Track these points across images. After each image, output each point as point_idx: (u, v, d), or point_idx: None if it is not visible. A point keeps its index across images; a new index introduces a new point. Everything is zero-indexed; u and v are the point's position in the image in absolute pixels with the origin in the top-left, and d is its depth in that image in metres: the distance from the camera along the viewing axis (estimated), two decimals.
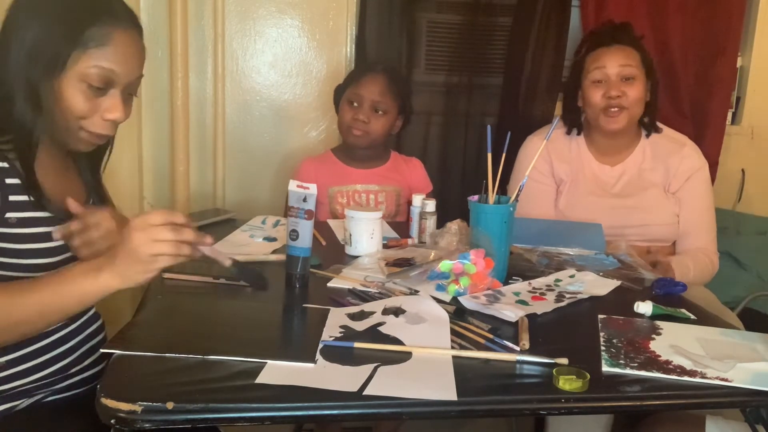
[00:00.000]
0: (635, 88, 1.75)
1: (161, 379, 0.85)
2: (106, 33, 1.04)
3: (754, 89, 2.46)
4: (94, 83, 1.05)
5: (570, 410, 0.87)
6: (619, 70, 1.75)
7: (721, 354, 0.98)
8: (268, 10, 2.15)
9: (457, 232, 1.41)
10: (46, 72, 1.03)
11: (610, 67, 1.75)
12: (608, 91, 1.75)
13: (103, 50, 1.04)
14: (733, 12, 2.29)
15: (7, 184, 1.04)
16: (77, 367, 1.18)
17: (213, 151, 2.16)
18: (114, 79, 1.07)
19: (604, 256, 1.46)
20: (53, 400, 1.16)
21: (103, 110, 1.07)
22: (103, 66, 1.05)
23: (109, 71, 1.05)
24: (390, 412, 0.84)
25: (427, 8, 2.30)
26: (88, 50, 1.03)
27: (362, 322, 1.05)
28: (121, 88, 1.08)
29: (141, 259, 0.93)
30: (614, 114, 1.75)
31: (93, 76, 1.04)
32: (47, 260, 1.09)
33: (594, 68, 1.77)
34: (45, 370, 1.12)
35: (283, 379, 0.85)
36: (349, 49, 2.20)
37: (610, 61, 1.75)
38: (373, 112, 1.85)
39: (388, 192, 1.92)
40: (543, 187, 1.86)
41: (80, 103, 1.05)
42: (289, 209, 1.20)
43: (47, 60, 1.02)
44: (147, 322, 1.04)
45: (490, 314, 1.11)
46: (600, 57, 1.77)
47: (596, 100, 1.77)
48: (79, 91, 1.04)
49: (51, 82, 1.03)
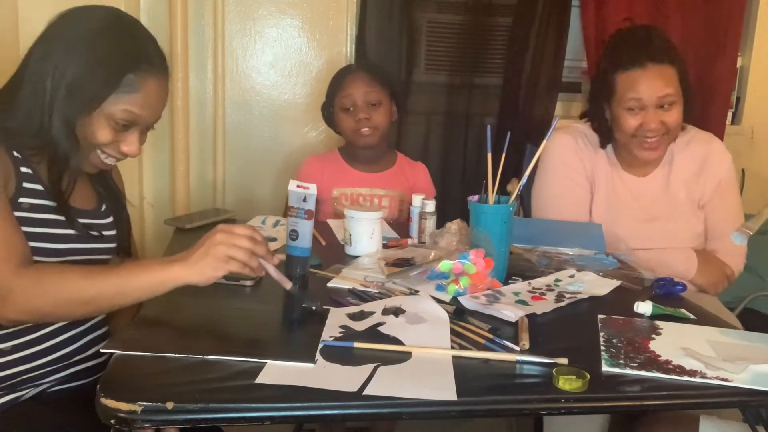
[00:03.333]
0: (674, 113, 1.59)
1: (161, 379, 0.85)
2: (141, 80, 1.11)
3: (754, 89, 2.46)
4: (120, 122, 1.11)
5: (570, 410, 0.87)
6: (658, 100, 1.57)
7: (733, 356, 0.98)
8: (268, 10, 2.15)
9: (457, 232, 1.41)
10: (82, 109, 1.09)
11: (647, 97, 1.57)
12: (646, 122, 1.58)
13: (134, 96, 1.11)
14: (733, 12, 2.29)
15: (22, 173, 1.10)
16: (81, 355, 1.20)
17: (213, 151, 2.16)
18: (138, 121, 1.14)
19: (604, 256, 1.46)
20: (58, 391, 1.18)
21: (121, 143, 1.15)
22: (132, 110, 1.11)
23: (136, 116, 1.12)
24: (390, 412, 0.84)
25: (427, 8, 2.29)
26: (121, 94, 1.10)
27: (362, 322, 1.05)
28: (141, 128, 1.16)
29: (217, 256, 1.01)
30: (652, 145, 1.61)
31: (120, 117, 1.11)
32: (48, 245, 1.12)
33: (629, 97, 1.59)
34: (47, 357, 1.14)
35: (283, 379, 0.85)
36: (349, 49, 2.20)
37: (648, 89, 1.57)
38: (369, 106, 1.85)
39: (392, 196, 1.92)
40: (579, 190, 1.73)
41: (105, 136, 1.11)
42: (289, 209, 1.20)
43: (85, 99, 1.08)
44: (147, 322, 1.04)
45: (490, 314, 1.11)
46: (635, 84, 1.58)
47: (630, 128, 1.61)
48: (106, 127, 1.11)
49: (82, 119, 1.09)
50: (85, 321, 1.22)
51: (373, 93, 1.85)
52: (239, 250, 1.02)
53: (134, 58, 1.11)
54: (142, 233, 2.14)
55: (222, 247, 1.01)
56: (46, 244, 1.11)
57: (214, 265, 1.01)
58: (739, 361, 0.96)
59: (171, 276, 1.01)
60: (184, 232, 1.58)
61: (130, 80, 1.10)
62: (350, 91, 1.85)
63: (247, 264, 1.03)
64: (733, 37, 2.32)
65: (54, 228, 1.13)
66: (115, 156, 1.17)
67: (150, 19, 2.03)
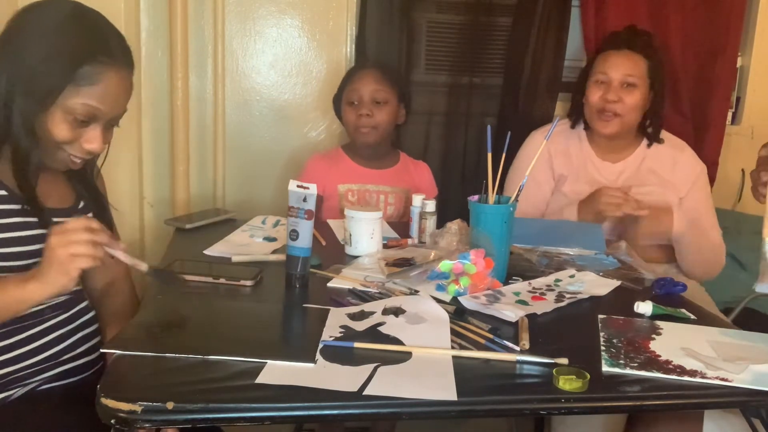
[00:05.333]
0: (633, 96, 1.79)
1: (161, 379, 0.85)
2: (98, 72, 1.08)
3: (754, 89, 2.45)
4: (79, 117, 1.09)
5: (570, 410, 0.87)
6: (622, 76, 1.78)
7: (733, 356, 0.98)
8: (268, 10, 2.14)
9: (457, 232, 1.41)
10: (38, 104, 1.07)
11: (614, 71, 1.79)
12: (606, 94, 1.79)
13: (93, 89, 1.08)
14: (733, 12, 2.29)
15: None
16: (70, 354, 1.19)
17: (213, 151, 2.16)
18: (98, 115, 1.11)
19: (604, 256, 1.46)
20: (48, 389, 1.17)
21: (83, 140, 1.12)
22: (90, 104, 1.08)
23: (95, 109, 1.09)
24: (390, 412, 0.84)
25: (427, 8, 2.29)
26: (79, 87, 1.07)
27: (362, 322, 1.05)
28: (103, 123, 1.13)
29: (60, 261, 0.98)
30: (608, 118, 1.80)
31: (79, 111, 1.08)
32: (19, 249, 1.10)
33: (599, 70, 1.82)
34: (36, 357, 1.14)
35: (283, 379, 0.85)
36: (349, 49, 2.20)
37: (616, 65, 1.79)
38: (374, 104, 1.85)
39: (398, 193, 1.92)
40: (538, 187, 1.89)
41: (64, 132, 1.09)
42: (289, 209, 1.20)
43: (41, 94, 1.06)
44: (147, 322, 1.04)
45: (490, 314, 1.11)
46: (607, 59, 1.81)
47: (594, 99, 1.81)
48: (64, 122, 1.08)
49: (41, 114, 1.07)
50: (73, 319, 1.21)
51: (380, 92, 1.85)
52: (79, 245, 0.98)
53: (91, 49, 1.08)
54: (142, 233, 2.14)
55: (59, 249, 0.98)
56: (16, 248, 1.10)
57: (61, 270, 0.99)
58: (739, 361, 0.96)
59: (27, 295, 1.00)
60: (184, 232, 1.58)
61: (87, 72, 1.07)
62: (358, 86, 1.86)
63: (93, 256, 0.99)
64: (733, 37, 2.31)
65: (23, 230, 1.11)
66: (80, 155, 1.14)
67: (150, 19, 2.03)
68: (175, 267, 1.26)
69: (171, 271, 1.17)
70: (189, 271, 1.24)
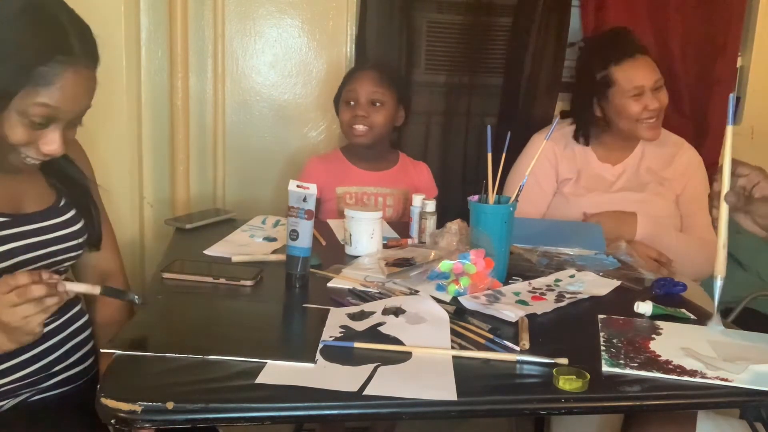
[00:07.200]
0: (665, 94, 1.83)
1: (161, 379, 0.85)
2: (55, 73, 1.00)
3: (754, 89, 2.45)
4: (36, 119, 1.01)
5: (570, 410, 0.87)
6: (654, 83, 1.81)
7: (733, 356, 0.98)
8: (268, 10, 2.14)
9: (457, 232, 1.41)
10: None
11: (647, 82, 1.80)
12: (647, 103, 1.79)
13: (49, 89, 1.00)
14: (733, 12, 2.29)
15: None
16: (62, 364, 1.17)
17: (213, 151, 2.16)
18: (56, 115, 1.03)
19: (604, 256, 1.46)
20: (40, 399, 1.14)
21: (41, 142, 1.04)
22: (47, 104, 1.01)
23: (52, 109, 1.02)
24: (390, 412, 0.84)
25: (427, 8, 2.29)
26: (32, 88, 0.99)
27: (362, 322, 1.05)
28: (63, 123, 1.05)
29: (14, 326, 0.93)
30: (654, 125, 1.82)
31: (35, 112, 1.00)
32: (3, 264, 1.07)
33: (633, 86, 1.79)
34: (28, 368, 1.11)
35: (283, 379, 0.85)
36: (349, 49, 2.20)
37: (645, 76, 1.80)
38: (371, 105, 1.85)
39: (397, 195, 1.92)
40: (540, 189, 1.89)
41: (18, 135, 1.02)
42: (289, 209, 1.20)
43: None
44: (147, 322, 1.04)
45: (490, 314, 1.11)
46: (635, 73, 1.80)
47: (635, 112, 1.80)
48: (19, 125, 1.01)
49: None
50: (66, 326, 1.18)
51: (377, 93, 1.85)
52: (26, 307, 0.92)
53: (45, 50, 0.99)
54: (142, 233, 2.14)
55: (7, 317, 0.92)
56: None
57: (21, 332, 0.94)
58: (739, 361, 0.96)
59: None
60: (184, 232, 1.58)
61: (41, 73, 0.98)
62: (355, 86, 1.86)
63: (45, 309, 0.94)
64: (733, 37, 2.31)
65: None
66: (38, 157, 1.07)
67: (150, 19, 2.03)
68: (175, 267, 1.26)
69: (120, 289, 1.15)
70: (189, 271, 1.24)
